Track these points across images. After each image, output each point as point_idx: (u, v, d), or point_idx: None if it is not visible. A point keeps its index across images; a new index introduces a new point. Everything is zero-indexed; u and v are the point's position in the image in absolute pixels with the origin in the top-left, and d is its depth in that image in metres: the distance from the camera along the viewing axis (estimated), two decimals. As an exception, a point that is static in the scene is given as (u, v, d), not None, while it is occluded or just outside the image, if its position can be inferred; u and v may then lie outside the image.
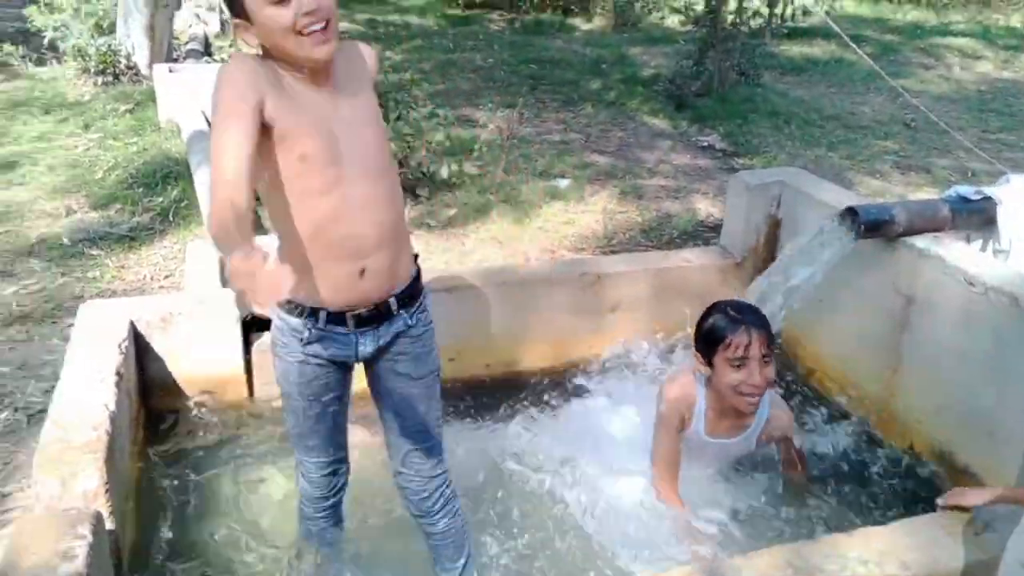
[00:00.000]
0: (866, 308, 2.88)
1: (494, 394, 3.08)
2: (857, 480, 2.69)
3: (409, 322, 1.94)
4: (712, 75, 7.88)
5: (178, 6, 7.67)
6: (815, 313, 3.10)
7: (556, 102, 7.76)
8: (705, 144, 6.71)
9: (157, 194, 4.92)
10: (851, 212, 2.68)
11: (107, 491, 1.95)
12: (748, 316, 2.35)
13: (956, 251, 2.65)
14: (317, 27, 1.61)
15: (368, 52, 1.88)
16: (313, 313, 1.84)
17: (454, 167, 5.17)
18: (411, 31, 10.83)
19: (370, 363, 1.99)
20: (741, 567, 1.78)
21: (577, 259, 4.37)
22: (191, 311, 2.75)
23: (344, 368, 1.98)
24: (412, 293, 1.94)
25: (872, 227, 2.65)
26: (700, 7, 8.05)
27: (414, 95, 6.19)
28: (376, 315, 1.88)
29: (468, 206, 5.05)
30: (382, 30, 10.68)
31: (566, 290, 3.18)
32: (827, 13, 11.12)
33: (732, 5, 7.79)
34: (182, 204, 4.76)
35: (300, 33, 1.59)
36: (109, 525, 1.95)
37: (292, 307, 1.84)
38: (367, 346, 1.91)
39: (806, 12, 7.75)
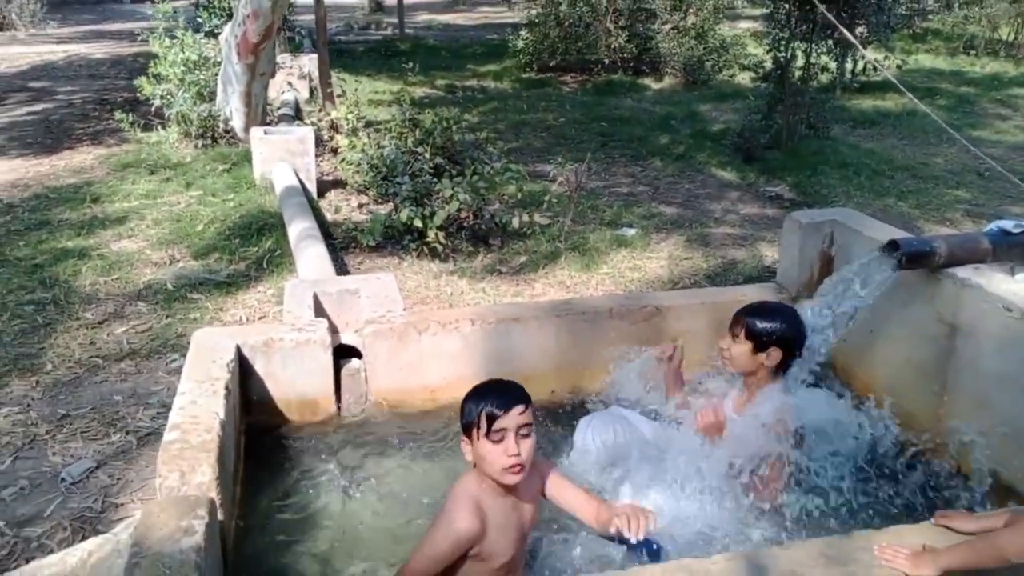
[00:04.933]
0: (914, 337, 3.00)
1: (557, 419, 3.22)
2: (897, 488, 2.77)
3: None
4: (781, 128, 7.99)
5: (273, 75, 8.24)
6: (867, 342, 3.23)
7: (625, 157, 7.98)
8: (773, 194, 6.81)
9: (252, 244, 5.33)
10: (893, 244, 2.80)
11: (218, 484, 2.23)
12: None
13: (995, 281, 2.76)
14: (516, 468, 2.09)
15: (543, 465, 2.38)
16: None
17: (525, 218, 5.45)
18: (487, 94, 11.28)
19: None
20: (778, 555, 1.93)
21: (637, 293, 4.55)
22: (289, 337, 3.05)
23: None
24: None
25: (913, 258, 2.77)
26: (770, 64, 8.23)
27: (488, 152, 6.55)
28: None
29: (538, 254, 5.30)
30: (460, 95, 11.18)
31: (626, 322, 3.36)
32: (898, 67, 11.20)
33: (801, 61, 7.95)
34: (275, 253, 5.16)
35: (504, 468, 2.08)
36: (219, 514, 2.22)
37: None
38: None
39: (877, 68, 7.85)
